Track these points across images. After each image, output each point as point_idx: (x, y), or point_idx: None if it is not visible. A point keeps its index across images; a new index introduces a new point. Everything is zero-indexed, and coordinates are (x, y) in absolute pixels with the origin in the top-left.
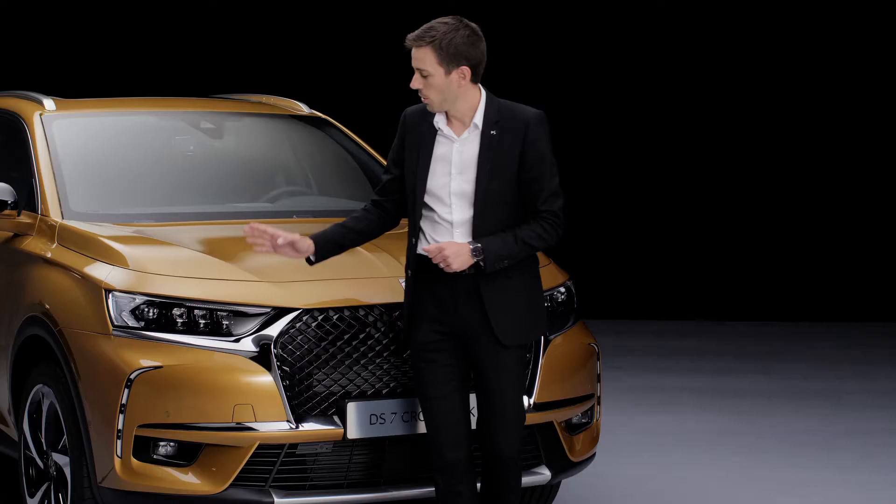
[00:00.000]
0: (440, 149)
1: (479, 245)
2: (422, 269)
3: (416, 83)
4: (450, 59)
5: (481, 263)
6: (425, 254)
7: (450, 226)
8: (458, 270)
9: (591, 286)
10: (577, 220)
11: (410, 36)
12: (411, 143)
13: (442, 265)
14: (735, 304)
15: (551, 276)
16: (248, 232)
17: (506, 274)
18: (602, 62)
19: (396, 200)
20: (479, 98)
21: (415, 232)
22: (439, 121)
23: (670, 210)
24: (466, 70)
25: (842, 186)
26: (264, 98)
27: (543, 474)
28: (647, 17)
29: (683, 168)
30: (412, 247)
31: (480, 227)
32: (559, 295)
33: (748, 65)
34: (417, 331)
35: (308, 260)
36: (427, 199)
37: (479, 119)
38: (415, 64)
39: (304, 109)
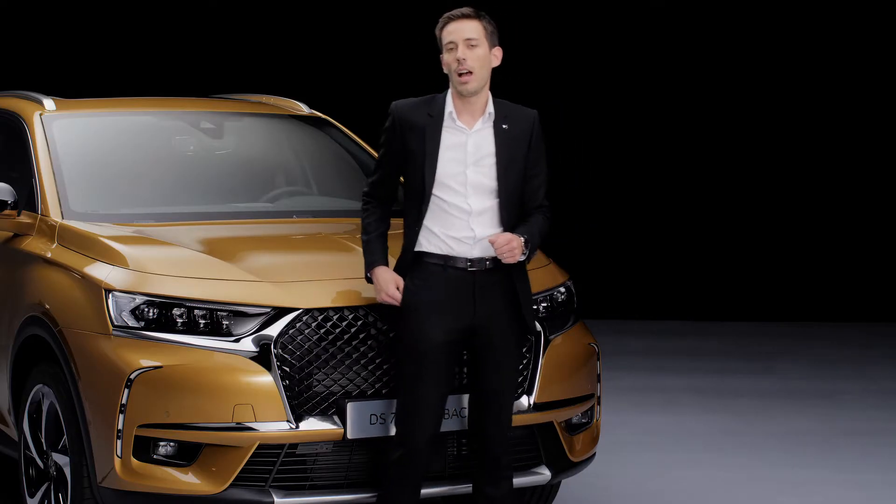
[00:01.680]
0: (450, 139)
1: (527, 238)
2: (427, 264)
3: (462, 53)
4: (491, 37)
5: (521, 257)
6: (430, 249)
7: (467, 216)
8: (514, 262)
9: (591, 286)
10: (577, 220)
11: (461, 10)
12: (411, 134)
13: (506, 257)
14: (735, 304)
15: (551, 276)
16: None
17: (522, 266)
18: (601, 62)
19: (393, 195)
20: (488, 92)
21: (417, 224)
22: (452, 111)
23: (670, 210)
24: (500, 53)
25: (842, 187)
26: (264, 98)
27: (543, 474)
28: (645, 17)
29: (683, 168)
30: (411, 241)
31: (505, 219)
32: (559, 295)
33: (748, 65)
34: (424, 326)
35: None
36: (436, 189)
37: (490, 111)
38: (461, 35)
39: (304, 109)
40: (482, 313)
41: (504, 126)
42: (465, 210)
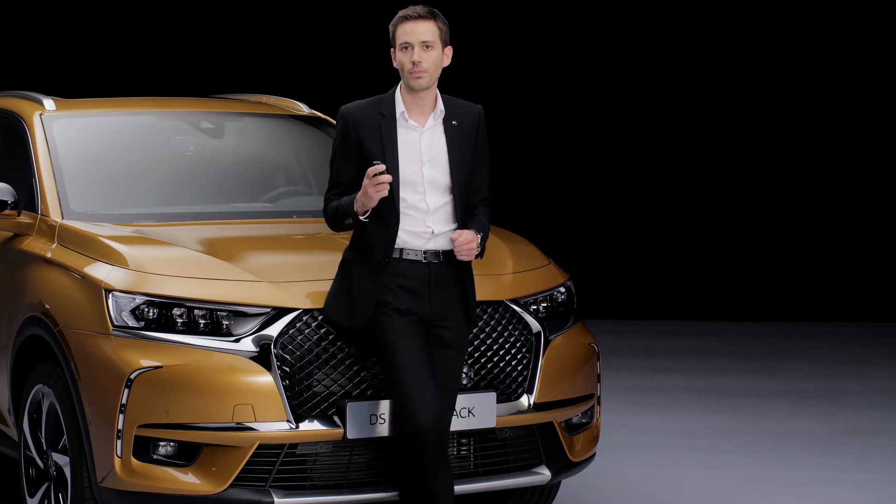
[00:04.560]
0: (404, 137)
1: (482, 235)
2: (395, 260)
3: (418, 56)
4: (444, 37)
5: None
6: (402, 246)
7: (423, 214)
8: (469, 260)
9: (591, 286)
10: (577, 219)
11: (416, 10)
12: (366, 135)
13: (464, 255)
14: (735, 304)
15: (551, 276)
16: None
17: (469, 263)
18: (601, 62)
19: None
20: (436, 89)
21: (395, 226)
22: (404, 111)
23: (670, 210)
24: (450, 51)
25: (841, 187)
26: (264, 98)
27: (543, 474)
28: (646, 17)
29: (683, 168)
30: (387, 236)
31: (459, 215)
32: (559, 295)
33: (748, 65)
34: (389, 318)
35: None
36: (401, 188)
37: (440, 108)
38: (418, 38)
39: (304, 109)
40: (437, 306)
41: (453, 122)
42: (422, 209)
